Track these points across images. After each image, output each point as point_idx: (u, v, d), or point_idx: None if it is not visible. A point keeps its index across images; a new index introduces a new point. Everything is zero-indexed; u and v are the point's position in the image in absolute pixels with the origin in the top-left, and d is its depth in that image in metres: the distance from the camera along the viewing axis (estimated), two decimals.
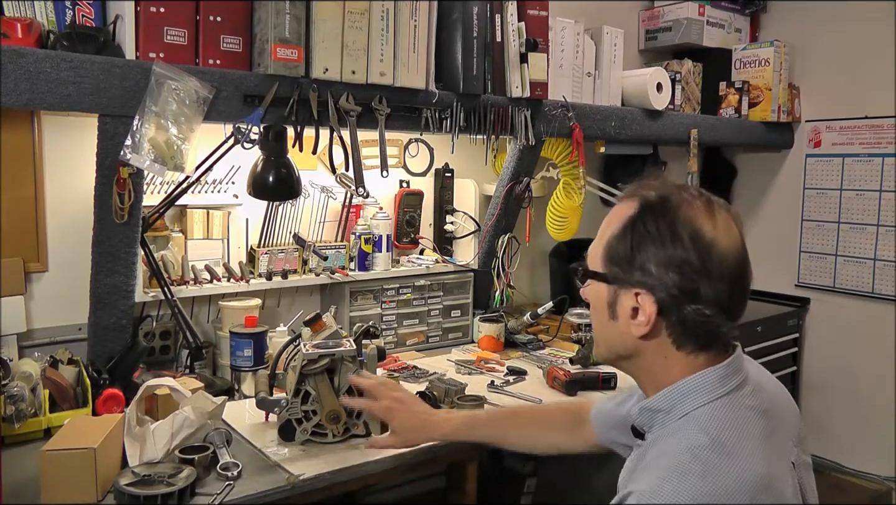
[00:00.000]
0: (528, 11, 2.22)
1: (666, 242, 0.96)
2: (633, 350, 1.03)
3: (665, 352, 1.00)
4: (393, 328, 2.44)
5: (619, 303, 1.01)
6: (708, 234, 0.96)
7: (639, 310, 0.98)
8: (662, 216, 0.97)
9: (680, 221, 0.96)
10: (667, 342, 0.99)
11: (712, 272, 0.95)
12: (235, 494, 1.37)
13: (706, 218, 0.97)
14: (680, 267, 0.95)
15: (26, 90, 1.47)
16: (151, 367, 1.94)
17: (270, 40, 1.74)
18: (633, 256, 0.98)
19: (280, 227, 2.22)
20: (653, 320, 0.97)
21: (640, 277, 0.97)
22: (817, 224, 3.27)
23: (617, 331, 1.02)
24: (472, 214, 2.59)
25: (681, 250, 0.95)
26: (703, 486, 0.88)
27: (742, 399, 0.99)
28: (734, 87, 3.10)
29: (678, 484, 0.89)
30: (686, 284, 0.95)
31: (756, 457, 0.92)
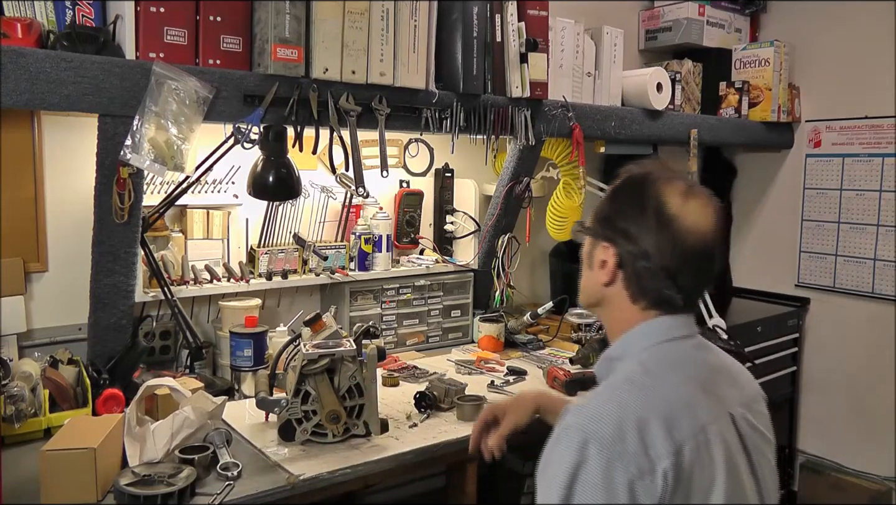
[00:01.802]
0: (528, 11, 2.22)
1: (634, 209, 1.12)
2: (600, 298, 1.18)
3: (623, 304, 1.15)
4: (393, 328, 2.44)
5: (595, 254, 1.17)
6: (672, 210, 1.09)
7: (605, 262, 1.14)
8: (638, 188, 1.14)
9: (650, 195, 1.11)
10: (624, 294, 1.14)
11: (666, 243, 1.09)
12: (235, 494, 1.37)
13: (678, 198, 1.10)
14: (639, 230, 1.10)
15: (26, 90, 1.47)
16: (151, 367, 1.94)
17: (270, 40, 1.74)
18: (608, 216, 1.16)
19: (280, 227, 2.22)
20: (612, 271, 1.13)
21: (610, 233, 1.14)
22: (817, 224, 3.27)
23: (590, 279, 1.19)
24: (472, 214, 2.59)
25: (643, 217, 1.10)
26: (627, 398, 1.02)
27: (684, 346, 1.13)
28: (734, 87, 3.10)
29: (607, 395, 1.05)
30: (641, 245, 1.10)
31: (682, 386, 1.06)
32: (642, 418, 0.99)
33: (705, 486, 0.99)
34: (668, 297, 1.11)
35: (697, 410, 1.03)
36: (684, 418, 1.00)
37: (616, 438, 0.97)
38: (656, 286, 1.10)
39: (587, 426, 0.99)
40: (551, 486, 0.98)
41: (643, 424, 0.98)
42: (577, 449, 0.97)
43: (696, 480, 0.98)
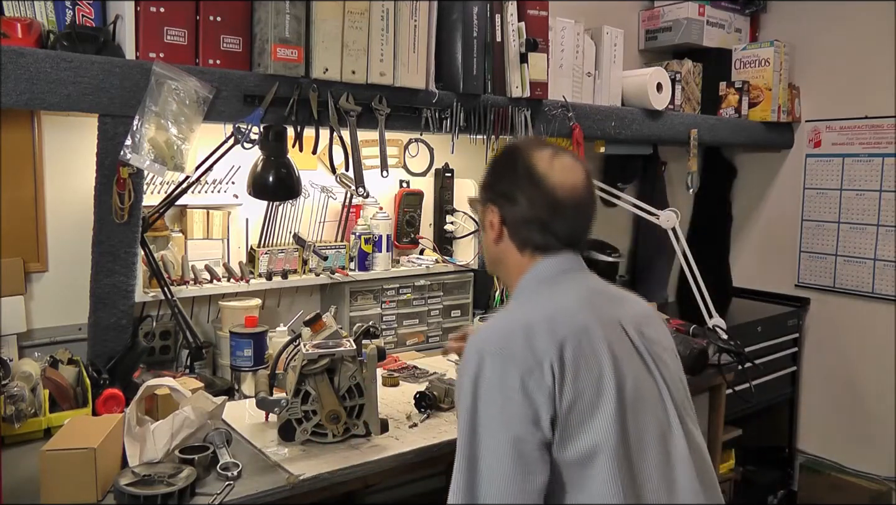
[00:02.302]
0: (528, 11, 2.22)
1: (508, 172, 1.30)
2: (496, 256, 1.34)
3: (514, 255, 1.31)
4: (393, 328, 2.44)
5: (486, 219, 1.33)
6: (540, 170, 1.26)
7: (492, 222, 1.31)
8: (510, 156, 1.32)
9: (520, 159, 1.29)
10: (512, 247, 1.30)
11: (537, 197, 1.25)
12: (235, 494, 1.37)
13: (545, 161, 1.27)
14: (513, 188, 1.28)
15: (26, 90, 1.47)
16: (151, 367, 1.94)
17: (270, 40, 1.74)
18: (489, 183, 1.34)
19: (280, 227, 2.22)
20: (498, 228, 1.30)
21: (492, 196, 1.32)
22: (817, 224, 3.27)
23: (486, 241, 1.35)
24: (472, 214, 2.59)
25: (515, 177, 1.28)
26: (514, 313, 1.22)
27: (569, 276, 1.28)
28: (734, 87, 3.10)
29: (498, 316, 1.25)
30: (518, 202, 1.27)
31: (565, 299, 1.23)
32: (527, 324, 1.14)
33: (594, 376, 1.13)
34: (546, 242, 1.27)
35: (578, 315, 1.18)
36: (566, 320, 1.16)
37: (505, 345, 1.12)
38: (534, 234, 1.27)
39: (481, 342, 1.15)
40: (461, 397, 1.13)
41: (528, 329, 1.13)
42: (475, 362, 1.13)
43: (582, 371, 1.12)
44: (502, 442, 1.07)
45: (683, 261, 2.53)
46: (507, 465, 1.07)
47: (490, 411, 1.10)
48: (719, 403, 2.36)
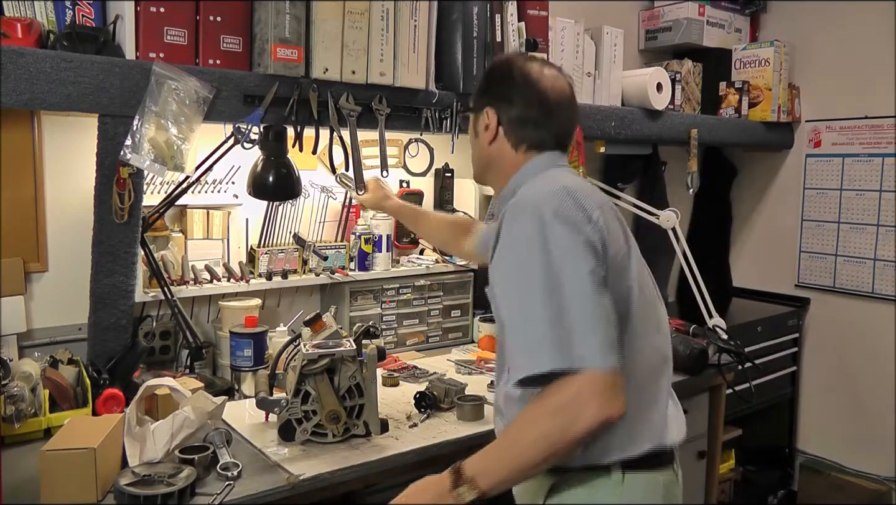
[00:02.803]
0: (528, 11, 2.22)
1: (503, 78, 1.40)
2: (488, 159, 1.44)
3: (508, 154, 1.40)
4: (393, 328, 2.44)
5: (479, 123, 1.44)
6: (533, 75, 1.38)
7: (488, 124, 1.41)
8: (505, 65, 1.43)
9: (513, 66, 1.41)
10: (507, 146, 1.40)
11: (530, 96, 1.37)
12: (235, 494, 1.37)
13: (536, 68, 1.40)
14: (509, 90, 1.39)
15: (26, 90, 1.47)
16: (151, 367, 1.94)
17: (270, 40, 1.74)
18: (484, 89, 1.44)
19: (280, 227, 2.22)
20: (494, 128, 1.40)
21: (487, 100, 1.42)
22: (817, 224, 3.27)
23: (480, 146, 1.44)
24: (472, 214, 2.59)
25: (510, 81, 1.39)
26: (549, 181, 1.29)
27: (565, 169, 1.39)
28: (734, 87, 3.10)
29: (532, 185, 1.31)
30: (514, 102, 1.38)
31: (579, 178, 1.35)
32: (568, 189, 1.24)
33: (622, 235, 1.28)
34: (540, 139, 1.38)
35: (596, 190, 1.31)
36: (595, 191, 1.30)
37: (559, 203, 1.20)
38: (529, 132, 1.38)
39: (531, 201, 1.23)
40: (530, 251, 1.17)
41: (571, 192, 1.23)
42: (535, 217, 1.19)
43: (613, 230, 1.25)
44: (582, 274, 1.15)
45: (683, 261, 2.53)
46: (589, 289, 1.14)
47: (560, 251, 1.16)
48: (719, 403, 2.36)
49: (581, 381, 1.08)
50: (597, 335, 1.10)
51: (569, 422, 1.08)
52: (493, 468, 1.15)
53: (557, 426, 1.09)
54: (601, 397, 1.07)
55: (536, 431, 1.10)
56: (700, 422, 2.34)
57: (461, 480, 1.15)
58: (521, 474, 1.15)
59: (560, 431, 1.09)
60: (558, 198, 1.21)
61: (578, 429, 1.08)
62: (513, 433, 1.14)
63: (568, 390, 1.08)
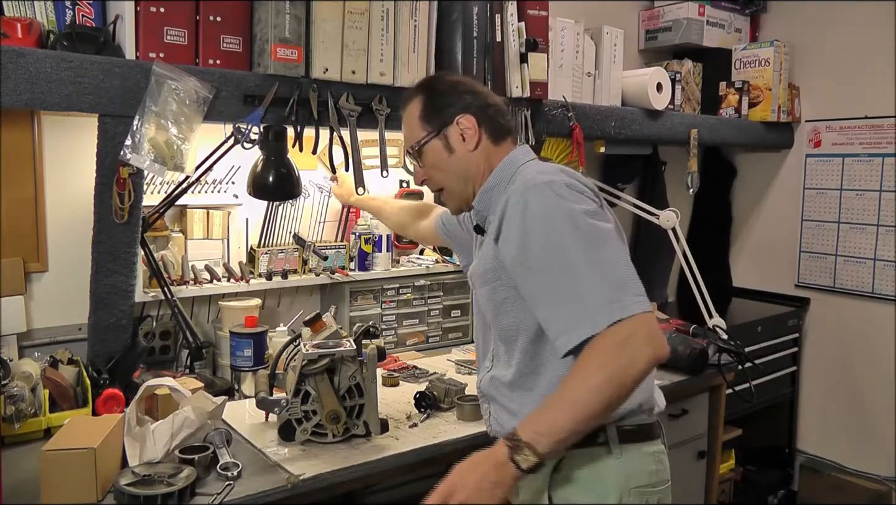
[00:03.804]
0: (528, 11, 2.22)
1: (454, 87, 1.43)
2: (471, 166, 1.41)
3: (490, 150, 1.41)
4: (393, 328, 2.44)
5: (450, 138, 1.40)
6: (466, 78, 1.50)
7: (464, 132, 1.39)
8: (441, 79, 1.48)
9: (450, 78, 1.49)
10: (488, 144, 1.41)
11: (484, 92, 1.45)
12: (235, 494, 1.37)
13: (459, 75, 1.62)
14: (470, 93, 1.42)
15: (26, 90, 1.47)
16: (151, 367, 1.94)
17: (270, 40, 1.74)
18: (442, 105, 1.41)
19: (280, 227, 2.22)
20: (475, 130, 1.39)
21: (454, 109, 1.39)
22: (817, 224, 3.27)
23: (459, 159, 1.41)
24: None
25: (463, 86, 1.43)
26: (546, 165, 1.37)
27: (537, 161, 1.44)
28: (734, 87, 3.10)
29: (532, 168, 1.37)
30: (479, 98, 1.42)
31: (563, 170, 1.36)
32: (564, 169, 1.31)
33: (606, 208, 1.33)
34: (511, 125, 1.45)
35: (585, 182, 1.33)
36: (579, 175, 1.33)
37: (566, 176, 1.28)
38: (501, 119, 1.42)
39: (539, 180, 1.27)
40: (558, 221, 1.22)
41: (569, 172, 1.30)
42: (551, 192, 1.24)
43: (603, 203, 1.32)
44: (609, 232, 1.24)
45: (683, 261, 2.53)
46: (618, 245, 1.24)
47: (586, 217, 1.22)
48: (719, 403, 2.36)
49: (633, 325, 1.14)
50: (636, 284, 1.20)
51: (629, 362, 1.13)
52: (553, 428, 1.13)
53: (621, 367, 1.13)
54: (653, 338, 1.15)
55: (600, 377, 1.12)
56: (700, 422, 2.34)
57: (519, 447, 1.11)
58: (582, 426, 1.14)
59: (622, 372, 1.13)
60: (564, 175, 1.29)
61: (638, 369, 1.13)
62: (570, 388, 1.15)
63: (622, 334, 1.14)
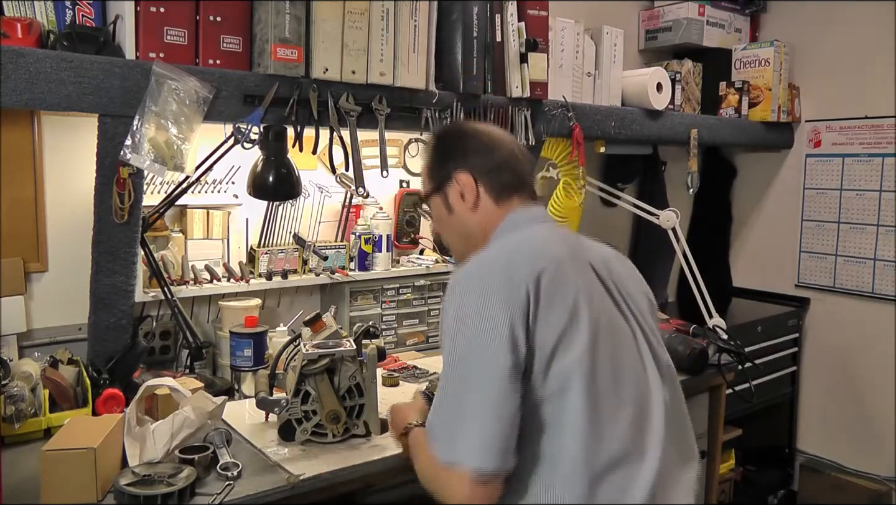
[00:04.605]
0: (528, 11, 2.22)
1: (459, 140, 1.37)
2: (473, 227, 1.35)
3: (490, 211, 1.33)
4: (393, 328, 2.44)
5: (450, 196, 1.35)
6: (482, 128, 1.39)
7: (463, 191, 1.33)
8: (450, 130, 1.43)
9: (462, 127, 1.42)
10: (489, 202, 1.33)
11: (495, 142, 1.36)
12: (235, 494, 1.37)
13: (480, 125, 1.42)
14: (473, 147, 1.35)
15: (26, 90, 1.47)
16: (151, 367, 1.94)
17: (270, 40, 1.74)
18: (442, 160, 1.37)
19: (280, 227, 2.22)
20: (473, 188, 1.32)
21: (452, 165, 1.35)
22: (817, 224, 3.27)
23: (458, 219, 1.36)
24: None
25: (469, 138, 1.36)
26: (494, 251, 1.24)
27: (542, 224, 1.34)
28: (734, 87, 3.10)
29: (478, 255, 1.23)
30: (482, 152, 1.34)
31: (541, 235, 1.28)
32: (505, 256, 1.20)
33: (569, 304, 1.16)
34: (517, 181, 1.34)
35: (553, 247, 1.23)
36: (542, 251, 1.21)
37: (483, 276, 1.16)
38: (505, 176, 1.33)
39: (461, 277, 1.19)
40: (443, 331, 1.17)
41: (506, 260, 1.18)
42: (456, 296, 1.17)
43: (558, 298, 1.15)
44: (487, 366, 1.11)
45: (683, 261, 2.53)
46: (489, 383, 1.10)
47: (471, 341, 1.13)
48: (719, 403, 2.36)
49: (454, 476, 1.11)
50: (482, 435, 1.10)
51: (440, 495, 1.16)
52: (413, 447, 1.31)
53: (432, 488, 1.18)
54: (466, 497, 1.10)
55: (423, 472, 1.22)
56: (700, 422, 2.34)
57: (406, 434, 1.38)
58: None
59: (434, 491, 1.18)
60: (487, 272, 1.17)
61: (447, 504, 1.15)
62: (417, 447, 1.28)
63: (444, 477, 1.14)
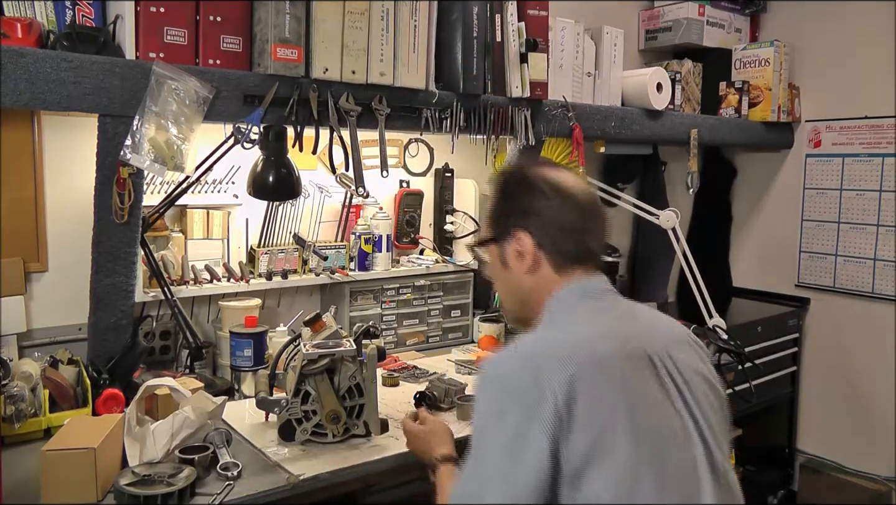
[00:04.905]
0: (528, 11, 2.22)
1: (528, 192, 1.22)
2: (527, 290, 1.23)
3: (549, 278, 1.21)
4: (393, 328, 2.44)
5: (507, 252, 1.23)
6: (556, 181, 1.22)
7: (521, 250, 1.21)
8: (521, 177, 1.25)
9: (534, 177, 1.23)
10: (548, 270, 1.21)
11: (566, 203, 1.20)
12: (235, 494, 1.37)
13: (553, 173, 1.24)
14: (541, 204, 1.21)
15: (26, 90, 1.47)
16: (151, 367, 1.94)
17: (270, 40, 1.74)
18: (506, 211, 1.24)
19: (280, 227, 2.22)
20: (533, 253, 1.20)
21: (514, 221, 1.22)
22: (817, 224, 3.27)
23: (512, 278, 1.24)
24: (472, 214, 2.59)
25: (539, 193, 1.21)
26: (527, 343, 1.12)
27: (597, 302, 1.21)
28: (734, 87, 3.10)
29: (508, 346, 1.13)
30: (548, 213, 1.20)
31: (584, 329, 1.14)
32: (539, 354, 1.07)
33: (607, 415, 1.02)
34: (583, 251, 1.21)
35: (600, 345, 1.09)
36: (584, 350, 1.07)
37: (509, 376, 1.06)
38: (570, 244, 1.20)
39: (490, 369, 1.10)
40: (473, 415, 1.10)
41: (539, 359, 1.06)
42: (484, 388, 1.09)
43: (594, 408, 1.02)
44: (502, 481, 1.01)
45: (683, 261, 2.53)
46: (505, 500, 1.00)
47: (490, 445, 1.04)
48: None
49: None
50: None
51: None
52: None
53: None
54: None
55: None
56: None
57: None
58: None
59: None
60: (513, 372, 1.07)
61: None
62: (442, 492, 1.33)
63: None
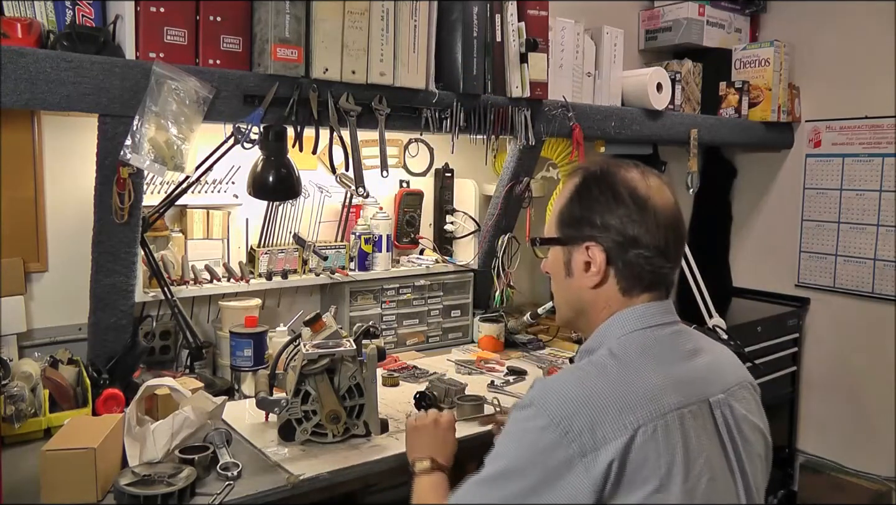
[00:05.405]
0: (528, 11, 2.22)
1: (609, 200, 1.11)
2: (587, 303, 1.16)
3: (612, 300, 1.13)
4: (393, 328, 2.44)
5: (573, 259, 1.15)
6: (643, 192, 1.11)
7: (590, 262, 1.13)
8: (604, 180, 1.13)
9: (619, 183, 1.12)
10: (615, 290, 1.13)
11: (649, 221, 1.10)
12: (235, 494, 1.37)
13: (640, 180, 1.12)
14: (621, 219, 1.10)
15: (26, 90, 1.47)
16: (151, 367, 1.94)
17: (270, 40, 1.74)
18: (581, 217, 1.13)
19: (280, 227, 2.22)
20: (602, 269, 1.12)
21: (589, 231, 1.12)
22: (817, 224, 3.27)
23: (574, 287, 1.16)
24: (472, 214, 2.59)
25: (621, 205, 1.10)
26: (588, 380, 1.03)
27: (660, 333, 1.11)
28: (734, 87, 3.10)
29: (569, 374, 1.08)
30: (628, 232, 1.10)
31: (648, 372, 1.04)
32: (604, 399, 0.99)
33: (660, 471, 0.96)
34: (664, 274, 1.12)
35: (664, 397, 1.01)
36: (648, 403, 0.99)
37: (570, 413, 0.97)
38: (651, 268, 1.10)
39: (543, 394, 1.02)
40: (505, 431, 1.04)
41: (602, 407, 0.98)
42: (532, 412, 1.00)
43: (648, 466, 0.96)
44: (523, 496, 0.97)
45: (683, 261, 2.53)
46: None
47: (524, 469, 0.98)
48: None
49: None
50: None
51: None
52: None
53: None
54: None
55: None
56: None
57: None
58: None
59: None
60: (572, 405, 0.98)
61: None
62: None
63: None
